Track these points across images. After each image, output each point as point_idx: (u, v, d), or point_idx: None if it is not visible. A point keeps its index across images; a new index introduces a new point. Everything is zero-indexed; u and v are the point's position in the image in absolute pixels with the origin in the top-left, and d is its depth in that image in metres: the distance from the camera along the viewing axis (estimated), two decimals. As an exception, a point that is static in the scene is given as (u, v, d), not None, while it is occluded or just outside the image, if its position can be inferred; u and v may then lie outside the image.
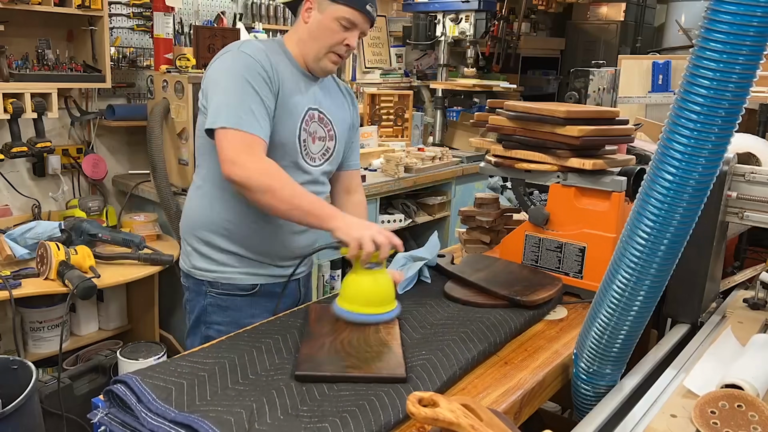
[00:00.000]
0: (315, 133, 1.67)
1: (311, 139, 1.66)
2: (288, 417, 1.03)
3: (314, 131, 1.67)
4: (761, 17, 0.84)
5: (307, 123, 1.64)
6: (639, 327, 1.14)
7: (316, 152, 1.69)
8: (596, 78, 2.57)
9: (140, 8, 3.08)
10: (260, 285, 1.68)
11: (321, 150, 1.70)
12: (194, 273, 1.70)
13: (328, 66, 1.64)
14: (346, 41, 1.60)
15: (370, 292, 1.33)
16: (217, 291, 1.67)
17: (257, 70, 1.53)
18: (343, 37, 1.60)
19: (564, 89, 3.95)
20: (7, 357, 1.87)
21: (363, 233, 1.34)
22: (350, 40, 1.61)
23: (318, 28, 1.59)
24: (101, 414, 1.08)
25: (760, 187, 1.46)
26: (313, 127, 1.67)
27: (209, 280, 1.68)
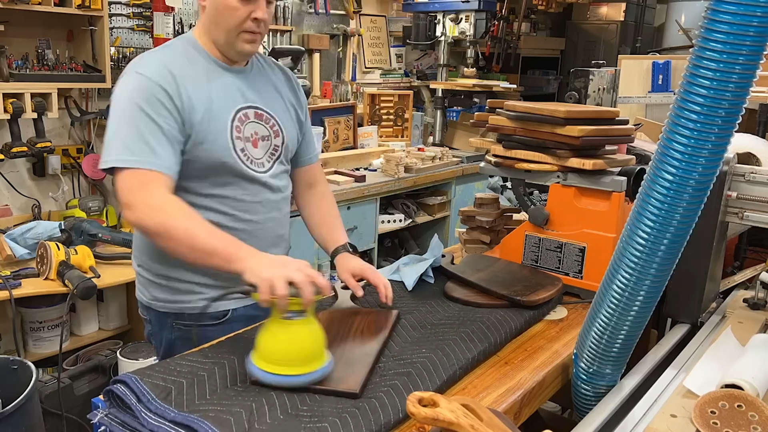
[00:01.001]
0: (255, 135, 1.48)
1: (251, 144, 1.47)
2: (288, 417, 1.03)
3: (253, 133, 1.48)
4: (761, 17, 0.84)
5: (237, 129, 1.44)
6: (639, 327, 1.14)
7: (261, 156, 1.50)
8: (596, 78, 2.57)
9: (140, 8, 3.08)
10: (231, 311, 1.51)
11: (267, 151, 1.51)
12: (154, 305, 1.52)
13: (245, 47, 1.44)
14: (252, 14, 1.40)
15: (286, 350, 1.10)
16: (184, 323, 1.49)
17: (153, 92, 1.34)
18: (248, 11, 1.40)
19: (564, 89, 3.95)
20: (7, 357, 1.87)
21: (274, 273, 1.11)
22: (257, 11, 1.40)
23: (216, 10, 1.41)
24: (101, 414, 1.08)
25: (760, 187, 1.46)
26: (251, 128, 1.47)
27: (174, 312, 1.50)
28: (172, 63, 1.41)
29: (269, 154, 1.52)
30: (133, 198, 1.29)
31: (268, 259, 1.19)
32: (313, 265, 3.07)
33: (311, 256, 3.06)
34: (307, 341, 1.12)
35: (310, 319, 1.13)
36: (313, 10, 3.99)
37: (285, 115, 1.57)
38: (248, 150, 1.47)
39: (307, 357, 1.11)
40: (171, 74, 1.38)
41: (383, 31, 4.60)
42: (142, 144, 1.31)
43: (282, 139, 1.54)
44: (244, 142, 1.46)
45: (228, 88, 1.46)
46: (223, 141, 1.42)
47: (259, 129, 1.49)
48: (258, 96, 1.51)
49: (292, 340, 1.11)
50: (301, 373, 1.10)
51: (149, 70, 1.38)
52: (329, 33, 4.13)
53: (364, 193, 3.24)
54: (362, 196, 3.23)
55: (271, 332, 1.12)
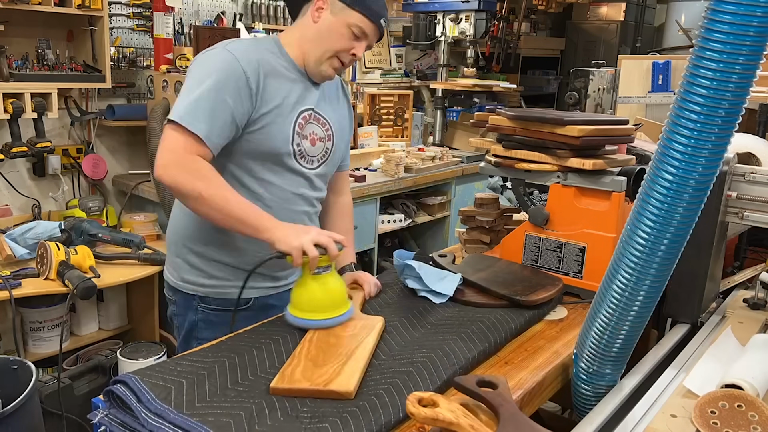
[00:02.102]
0: (313, 134, 1.60)
1: (309, 141, 1.59)
2: (288, 418, 1.03)
3: (311, 132, 1.60)
4: (761, 17, 0.84)
5: (300, 126, 1.56)
6: (639, 327, 1.14)
7: (314, 154, 1.62)
8: (596, 78, 2.57)
9: (140, 8, 3.09)
10: (254, 299, 1.61)
11: (320, 152, 1.63)
12: (183, 287, 1.62)
13: (328, 71, 1.57)
14: (353, 50, 1.54)
15: (320, 298, 1.33)
16: (208, 306, 1.60)
17: (234, 71, 1.43)
18: (352, 45, 1.53)
19: (564, 89, 3.95)
20: (7, 357, 1.87)
21: (302, 239, 1.31)
22: (357, 49, 1.54)
23: (328, 30, 1.52)
24: (101, 414, 1.08)
25: (760, 187, 1.46)
26: (310, 128, 1.59)
27: (200, 295, 1.60)
28: (260, 53, 1.52)
29: (321, 154, 1.64)
30: (173, 158, 1.38)
31: (293, 228, 1.37)
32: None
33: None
34: (337, 289, 1.36)
35: (334, 273, 1.37)
36: (313, 10, 3.99)
37: (339, 123, 1.69)
38: (303, 146, 1.58)
39: (337, 302, 1.35)
40: (257, 61, 1.48)
41: (383, 31, 4.60)
42: (206, 111, 1.40)
43: (333, 143, 1.66)
44: (301, 138, 1.57)
45: (299, 90, 1.57)
46: (285, 133, 1.53)
47: (317, 130, 1.61)
48: (320, 103, 1.63)
49: (326, 290, 1.34)
50: (335, 315, 1.33)
51: (239, 51, 1.47)
52: (329, 33, 4.13)
53: (364, 193, 3.24)
54: (362, 196, 3.23)
55: (306, 286, 1.34)
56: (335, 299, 1.35)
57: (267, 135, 1.51)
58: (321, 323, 1.31)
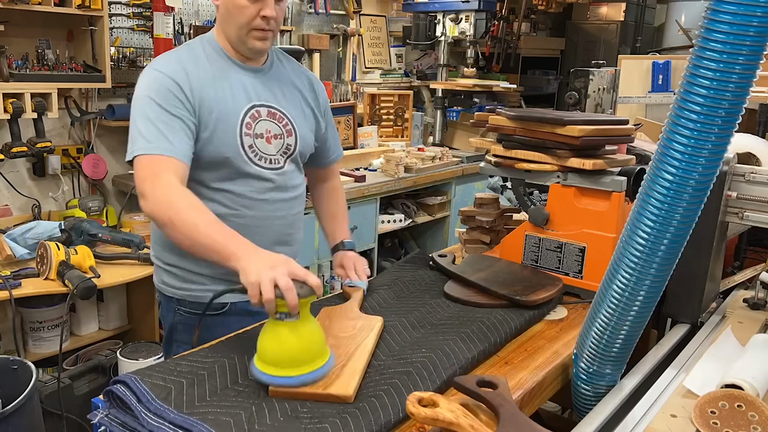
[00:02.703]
0: (268, 132, 1.52)
1: (265, 140, 1.51)
2: (288, 418, 1.03)
3: (266, 130, 1.52)
4: (761, 17, 0.84)
5: (248, 126, 1.49)
6: (639, 327, 1.14)
7: (275, 152, 1.54)
8: (596, 78, 2.57)
9: (140, 8, 3.08)
10: (230, 304, 1.57)
11: (280, 149, 1.55)
12: (163, 289, 1.62)
13: (257, 45, 1.48)
14: (261, 12, 1.44)
15: (278, 351, 1.10)
16: (185, 309, 1.58)
17: (165, 85, 1.41)
18: (257, 9, 1.44)
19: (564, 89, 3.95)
20: (7, 357, 1.87)
21: (261, 277, 1.10)
22: (265, 8, 1.44)
23: (227, 9, 1.46)
24: (101, 414, 1.08)
25: (760, 187, 1.46)
26: (263, 126, 1.51)
27: (177, 298, 1.59)
28: (187, 60, 1.47)
29: (282, 152, 1.56)
30: (147, 188, 1.33)
31: (261, 259, 1.16)
32: (312, 265, 3.07)
33: (311, 256, 3.06)
34: (297, 342, 1.10)
35: (304, 320, 1.11)
36: (313, 10, 3.99)
37: (300, 115, 1.61)
38: (258, 146, 1.51)
39: (299, 357, 1.10)
40: (184, 70, 1.44)
41: (383, 31, 4.61)
42: (155, 131, 1.37)
43: (295, 138, 1.58)
44: (253, 138, 1.50)
45: (242, 86, 1.51)
46: (231, 137, 1.47)
47: (271, 127, 1.53)
48: (272, 95, 1.55)
49: (283, 341, 1.10)
50: (304, 372, 1.09)
51: (163, 66, 1.45)
52: (329, 33, 4.14)
53: (364, 193, 3.24)
54: (362, 196, 3.23)
55: (266, 333, 1.13)
56: (296, 353, 1.10)
57: (214, 141, 1.45)
58: (285, 381, 1.09)
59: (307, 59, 3.99)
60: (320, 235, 2.96)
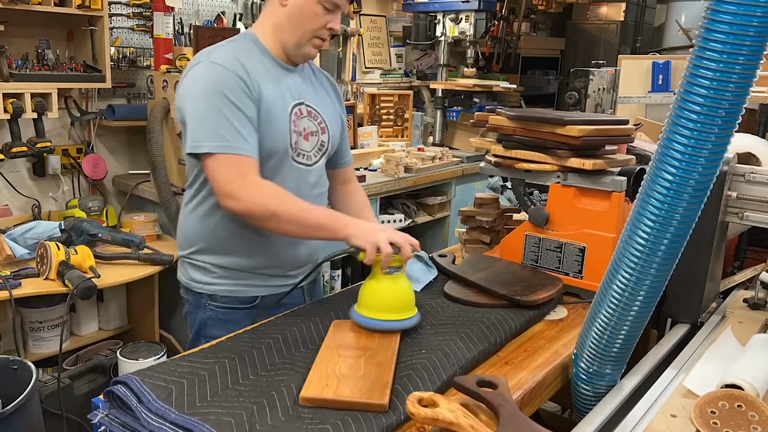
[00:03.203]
0: (306, 130, 1.59)
1: (303, 138, 1.58)
2: (289, 418, 1.03)
3: (305, 128, 1.59)
4: (761, 17, 0.84)
5: (295, 123, 1.55)
6: (639, 327, 1.14)
7: (310, 150, 1.61)
8: (596, 78, 2.57)
9: (140, 8, 3.08)
10: (261, 297, 1.61)
11: (315, 146, 1.62)
12: (192, 286, 1.63)
13: (311, 52, 1.56)
14: (329, 24, 1.52)
15: (390, 298, 1.31)
16: (216, 304, 1.61)
17: (234, 81, 1.44)
18: (326, 21, 1.52)
19: (564, 89, 3.94)
20: (7, 357, 1.87)
21: (378, 236, 1.32)
22: (333, 23, 1.53)
23: (299, 12, 1.50)
24: (101, 414, 1.08)
25: (760, 187, 1.46)
26: (303, 123, 1.58)
27: (208, 293, 1.61)
28: (241, 53, 1.51)
29: (317, 149, 1.63)
30: (236, 189, 1.41)
31: (368, 225, 1.38)
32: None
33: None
34: (404, 291, 1.33)
35: (404, 275, 1.35)
36: (313, 10, 3.98)
37: (332, 114, 1.68)
38: (300, 143, 1.58)
39: (405, 304, 1.32)
40: (242, 66, 1.48)
41: (383, 31, 4.60)
42: (232, 130, 1.42)
43: (328, 136, 1.65)
44: (297, 135, 1.57)
45: (287, 85, 1.57)
46: (283, 132, 1.53)
47: (309, 125, 1.60)
48: (309, 94, 1.62)
49: (395, 290, 1.32)
50: (400, 318, 1.30)
51: (224, 60, 1.47)
52: (329, 33, 4.13)
53: (364, 193, 3.23)
54: (362, 196, 3.23)
55: (376, 285, 1.33)
56: (403, 301, 1.32)
57: (266, 135, 1.50)
58: (387, 325, 1.29)
59: (307, 59, 3.99)
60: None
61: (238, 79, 1.45)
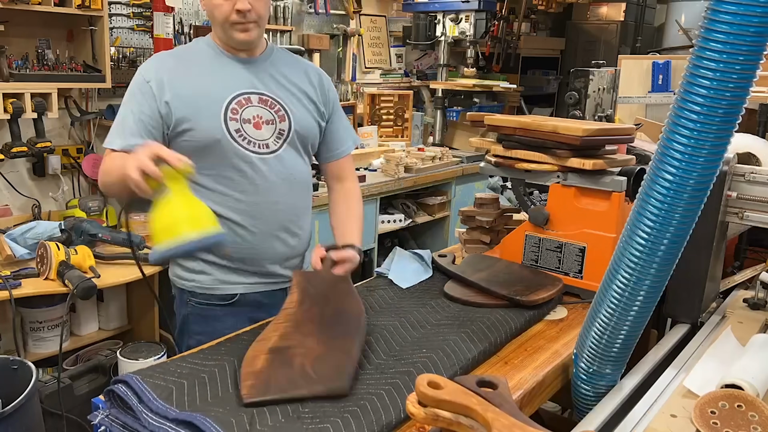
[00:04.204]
0: (258, 117, 1.57)
1: (253, 126, 1.56)
2: (289, 419, 1.03)
3: (255, 116, 1.57)
4: (761, 17, 0.84)
5: (234, 111, 1.54)
6: (639, 327, 1.14)
7: (267, 137, 1.58)
8: (596, 78, 2.57)
9: (140, 8, 3.08)
10: (239, 294, 1.63)
11: (273, 134, 1.59)
12: (175, 281, 1.68)
13: (240, 36, 1.54)
14: (235, 6, 1.49)
15: (158, 223, 1.19)
16: (196, 300, 1.64)
17: (138, 82, 1.56)
18: (231, 5, 1.50)
19: (564, 89, 3.95)
20: (7, 357, 1.87)
21: (128, 168, 1.21)
22: (238, 3, 1.49)
23: (207, 9, 1.56)
24: (101, 414, 1.08)
25: (760, 187, 1.46)
26: (251, 112, 1.56)
27: (188, 289, 1.64)
28: (171, 57, 1.61)
29: (275, 136, 1.60)
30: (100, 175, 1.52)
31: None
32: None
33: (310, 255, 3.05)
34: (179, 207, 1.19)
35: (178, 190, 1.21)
36: (313, 10, 3.99)
37: (295, 103, 1.64)
38: (246, 131, 1.56)
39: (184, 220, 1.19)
40: (163, 68, 1.56)
41: (383, 31, 4.60)
42: (120, 128, 1.53)
43: (289, 123, 1.61)
44: (240, 123, 1.55)
45: (231, 76, 1.58)
46: (214, 122, 1.53)
47: (262, 113, 1.58)
48: (263, 83, 1.60)
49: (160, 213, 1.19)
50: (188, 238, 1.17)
51: (144, 66, 1.58)
52: (329, 33, 4.14)
53: (364, 193, 3.21)
54: (362, 196, 3.23)
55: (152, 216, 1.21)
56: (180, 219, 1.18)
57: (196, 127, 1.53)
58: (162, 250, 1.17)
59: (307, 59, 3.99)
60: (320, 236, 2.96)
61: (142, 80, 1.55)
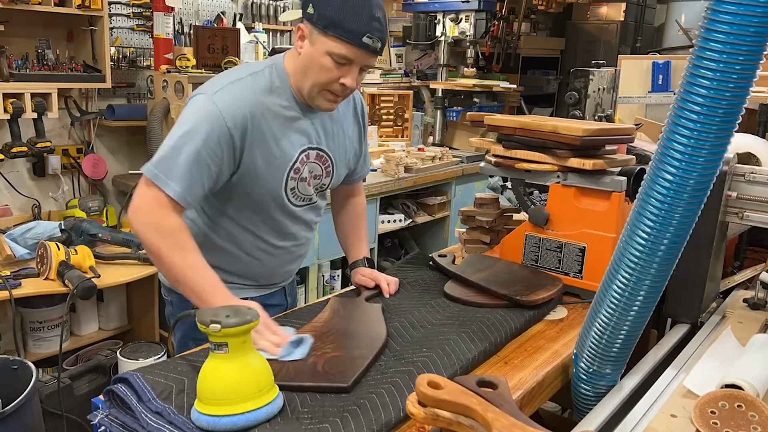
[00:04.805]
0: (311, 173, 1.51)
1: (306, 183, 1.50)
2: (288, 420, 1.03)
3: (310, 172, 1.50)
4: (761, 17, 0.84)
5: (297, 171, 1.46)
6: (639, 327, 1.14)
7: (311, 193, 1.54)
8: (596, 78, 2.57)
9: (140, 8, 3.09)
10: (250, 298, 1.51)
11: (315, 188, 1.55)
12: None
13: (324, 105, 1.41)
14: (342, 80, 1.36)
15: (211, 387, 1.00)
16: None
17: (217, 131, 1.33)
18: (338, 75, 1.35)
19: (564, 89, 3.95)
20: (7, 357, 1.87)
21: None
22: (347, 78, 1.35)
23: (309, 62, 1.36)
24: (101, 415, 1.08)
25: (760, 187, 1.46)
26: (308, 168, 1.49)
27: None
28: (252, 97, 1.38)
29: (316, 189, 1.56)
30: (144, 206, 1.33)
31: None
32: (312, 265, 3.07)
33: (311, 256, 3.06)
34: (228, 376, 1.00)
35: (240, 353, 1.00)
36: (313, 10, 3.98)
37: (342, 156, 1.59)
38: (300, 189, 1.50)
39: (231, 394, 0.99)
40: (246, 121, 1.36)
41: (383, 31, 4.60)
42: (182, 173, 1.31)
43: (331, 178, 1.58)
44: (297, 181, 1.48)
45: (299, 129, 1.46)
46: (277, 182, 1.44)
47: (315, 168, 1.51)
48: (323, 137, 1.51)
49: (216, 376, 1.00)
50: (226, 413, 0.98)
51: (225, 104, 1.34)
52: (329, 33, 4.13)
53: (364, 193, 3.23)
54: (362, 196, 3.23)
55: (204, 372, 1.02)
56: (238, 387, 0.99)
57: (260, 182, 1.43)
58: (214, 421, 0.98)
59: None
60: (320, 235, 2.96)
61: (225, 128, 1.34)
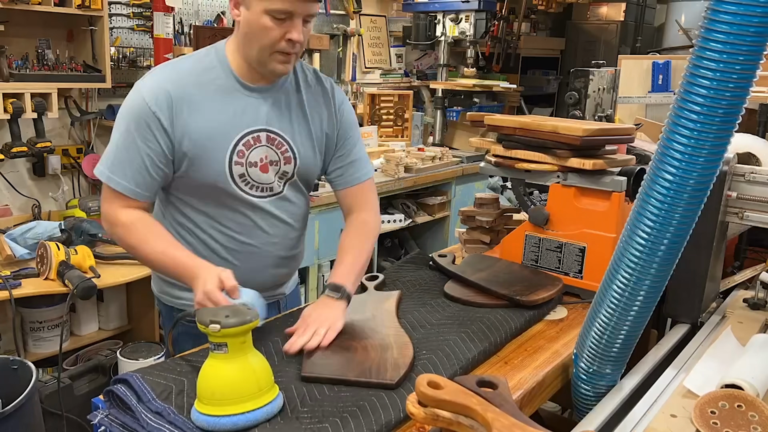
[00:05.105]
0: (263, 160, 1.42)
1: (258, 169, 1.42)
2: (288, 419, 1.03)
3: (263, 157, 1.42)
4: (761, 17, 0.84)
5: (240, 154, 1.39)
6: (639, 327, 1.14)
7: (271, 180, 1.45)
8: (596, 78, 2.57)
9: (140, 8, 3.08)
10: None
11: (277, 174, 1.46)
12: (163, 298, 1.58)
13: (278, 68, 1.36)
14: (287, 35, 1.31)
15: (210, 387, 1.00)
16: (187, 319, 1.37)
17: (143, 111, 1.33)
18: (282, 32, 1.31)
19: (564, 89, 3.95)
20: (7, 357, 1.86)
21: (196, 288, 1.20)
22: (292, 33, 1.31)
23: (250, 28, 1.32)
24: (101, 415, 1.08)
25: (760, 187, 1.46)
26: (260, 153, 1.41)
27: (178, 307, 1.53)
28: (178, 82, 1.37)
29: (279, 177, 1.47)
30: (107, 210, 1.40)
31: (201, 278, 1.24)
32: (312, 265, 3.07)
33: (311, 256, 3.06)
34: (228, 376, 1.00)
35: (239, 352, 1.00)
36: (313, 10, 3.98)
37: (305, 140, 1.48)
38: (251, 175, 1.42)
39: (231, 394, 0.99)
40: (170, 98, 1.35)
41: (383, 31, 4.60)
42: (121, 164, 1.37)
43: (294, 165, 1.47)
44: (246, 167, 1.41)
45: (241, 110, 1.40)
46: (218, 166, 1.39)
47: (269, 153, 1.43)
48: (276, 118, 1.44)
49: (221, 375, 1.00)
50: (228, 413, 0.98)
51: (149, 89, 1.36)
52: (329, 33, 4.13)
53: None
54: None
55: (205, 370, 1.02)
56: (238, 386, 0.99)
57: (200, 169, 1.39)
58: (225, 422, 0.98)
59: (307, 59, 3.99)
60: (320, 236, 2.97)
61: (148, 111, 1.33)
